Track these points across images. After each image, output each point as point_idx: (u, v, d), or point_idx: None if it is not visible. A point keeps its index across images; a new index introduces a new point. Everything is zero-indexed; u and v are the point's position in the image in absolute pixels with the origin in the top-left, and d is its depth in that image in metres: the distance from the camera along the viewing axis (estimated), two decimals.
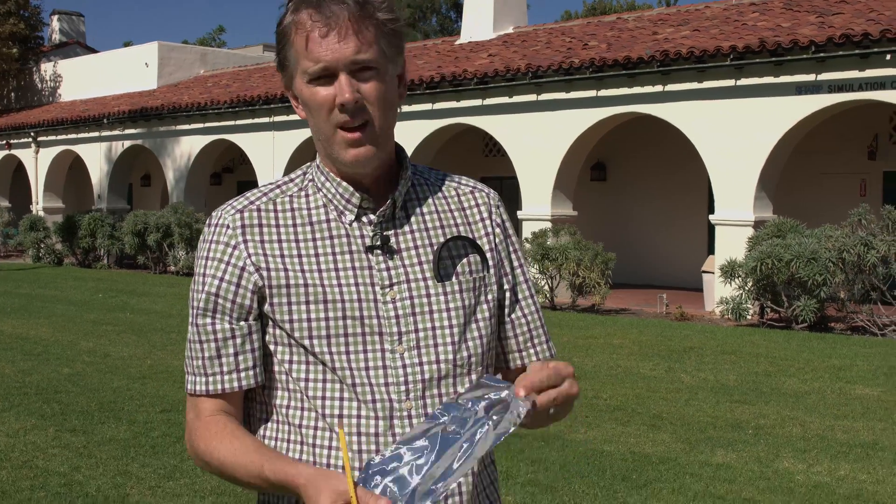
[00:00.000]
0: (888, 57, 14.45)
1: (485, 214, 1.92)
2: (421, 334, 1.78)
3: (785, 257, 13.77)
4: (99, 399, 8.88)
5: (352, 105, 1.71)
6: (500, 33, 24.10)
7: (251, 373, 1.79)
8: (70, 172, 31.78)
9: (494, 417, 1.57)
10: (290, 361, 1.77)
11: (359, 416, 1.74)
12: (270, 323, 1.78)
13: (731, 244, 15.87)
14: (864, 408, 8.78)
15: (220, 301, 1.77)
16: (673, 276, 20.87)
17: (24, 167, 32.25)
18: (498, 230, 1.92)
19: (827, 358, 11.55)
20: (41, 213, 30.48)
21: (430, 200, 1.88)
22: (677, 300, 17.15)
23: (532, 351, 1.94)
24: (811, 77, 15.32)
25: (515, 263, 1.94)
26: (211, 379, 1.79)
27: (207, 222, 1.84)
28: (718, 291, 15.70)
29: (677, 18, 20.64)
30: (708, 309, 16.64)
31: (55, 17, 39.39)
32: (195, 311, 1.80)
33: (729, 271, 14.79)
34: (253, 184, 25.91)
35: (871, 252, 13.35)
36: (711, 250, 17.53)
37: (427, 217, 1.86)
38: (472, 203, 1.92)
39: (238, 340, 1.78)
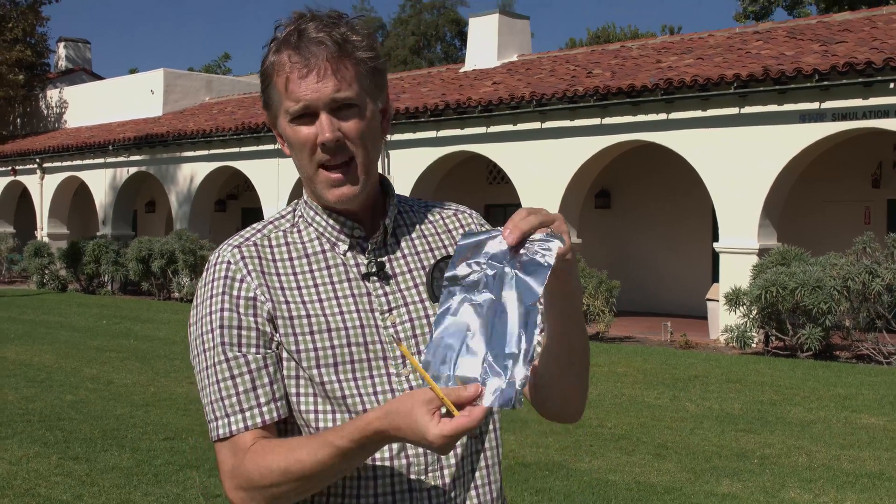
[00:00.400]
0: (892, 85, 14.48)
1: None
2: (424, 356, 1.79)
3: (789, 285, 13.74)
4: (102, 426, 8.85)
5: (332, 144, 1.74)
6: (504, 61, 24.20)
7: (285, 402, 1.77)
8: (75, 199, 31.85)
9: (518, 264, 1.55)
10: (298, 394, 1.77)
11: None
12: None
13: (736, 272, 15.85)
14: (870, 437, 8.74)
15: (244, 332, 1.76)
16: (677, 304, 20.83)
17: (29, 193, 32.33)
18: None
19: (832, 387, 11.51)
20: (46, 239, 30.51)
21: (417, 225, 1.92)
22: (682, 328, 17.11)
23: None
24: (815, 105, 15.35)
25: None
26: (248, 414, 1.74)
27: (207, 265, 1.84)
28: (723, 319, 15.66)
29: (681, 47, 20.71)
30: (712, 337, 16.60)
31: (61, 44, 39.58)
32: (218, 348, 1.75)
33: (733, 299, 14.77)
34: (257, 211, 25.96)
35: (876, 280, 13.33)
36: (716, 278, 17.51)
37: (416, 241, 1.90)
38: (457, 224, 1.96)
39: (271, 369, 1.76)
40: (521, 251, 1.56)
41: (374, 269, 1.82)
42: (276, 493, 1.68)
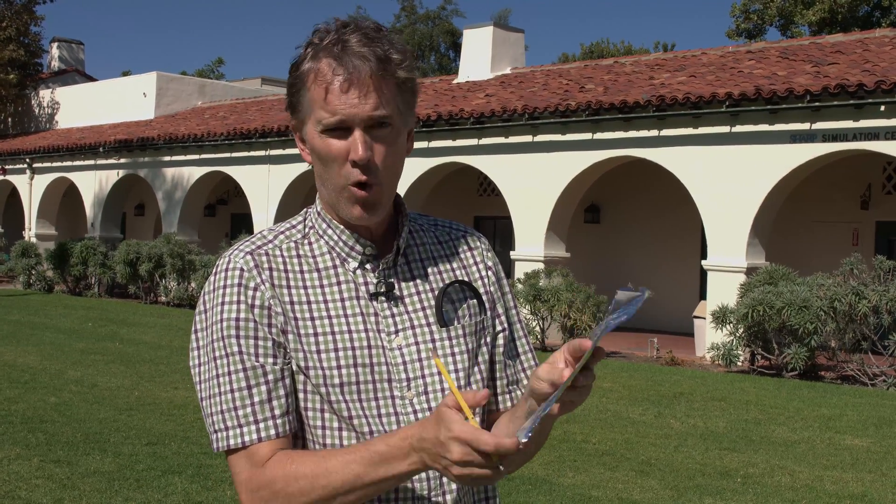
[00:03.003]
0: (882, 108, 14.55)
1: (478, 259, 1.95)
2: (428, 380, 1.79)
3: (776, 305, 13.77)
4: (85, 430, 8.81)
5: (365, 162, 1.72)
6: (497, 74, 24.25)
7: (296, 415, 1.75)
8: (64, 200, 31.78)
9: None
10: (307, 409, 1.76)
11: None
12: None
13: (723, 290, 15.88)
14: (854, 458, 8.75)
15: (261, 342, 1.73)
16: (664, 321, 20.85)
17: (18, 193, 32.25)
18: (490, 273, 1.95)
19: (817, 407, 11.53)
20: (33, 240, 30.42)
21: (427, 247, 1.91)
22: (668, 345, 17.13)
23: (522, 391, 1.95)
24: (806, 126, 15.41)
25: (510, 304, 1.98)
26: (263, 425, 1.70)
27: (216, 270, 1.80)
28: (709, 337, 15.69)
29: (674, 64, 20.78)
30: (699, 354, 16.62)
31: (55, 45, 39.47)
32: (235, 356, 1.72)
33: (720, 317, 14.80)
34: (247, 216, 25.93)
35: (863, 302, 13.37)
36: (703, 295, 17.54)
37: (426, 263, 1.88)
38: (466, 248, 1.95)
39: (287, 381, 1.74)
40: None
41: (382, 290, 1.80)
42: (302, 499, 1.64)
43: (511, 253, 19.29)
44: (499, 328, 1.93)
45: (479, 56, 24.62)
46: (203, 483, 7.07)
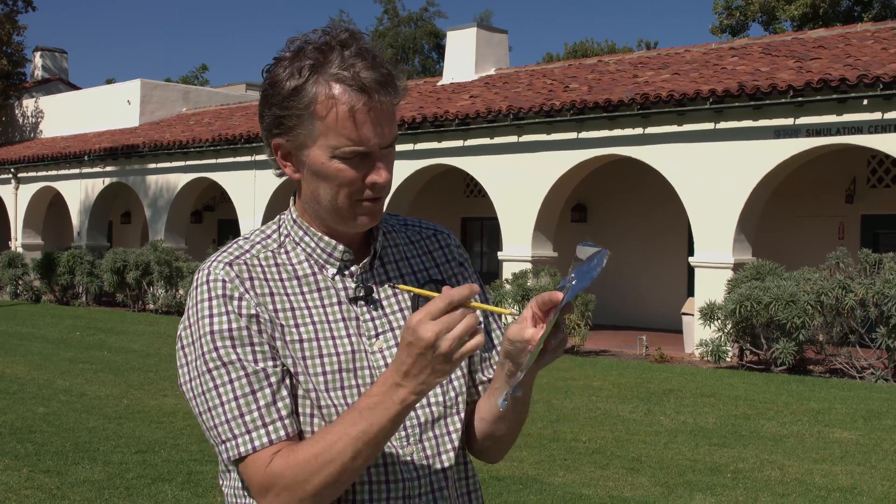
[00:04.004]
0: (865, 102, 14.60)
1: (449, 256, 1.98)
2: None
3: (764, 300, 13.81)
4: (74, 439, 8.78)
5: (386, 183, 1.77)
6: (481, 75, 24.27)
7: (297, 416, 1.75)
8: (50, 209, 31.65)
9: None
10: (296, 413, 1.75)
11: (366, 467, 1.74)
12: None
13: (711, 286, 15.91)
14: (843, 451, 8.78)
15: (258, 347, 1.72)
16: (653, 318, 20.90)
17: (3, 203, 32.12)
18: (462, 269, 1.98)
19: (805, 401, 11.57)
20: (20, 250, 30.29)
21: (400, 247, 1.93)
22: (657, 342, 17.16)
23: None
24: (789, 121, 15.46)
25: (485, 297, 1.97)
26: (272, 427, 1.69)
27: (197, 282, 1.78)
28: (698, 333, 15.72)
29: (657, 62, 20.83)
30: (687, 351, 16.66)
31: (38, 54, 39.31)
32: (235, 363, 1.70)
33: (708, 313, 14.83)
34: (234, 222, 25.88)
35: (849, 295, 13.41)
36: (691, 292, 17.57)
37: (400, 264, 1.90)
38: (436, 246, 1.98)
39: (287, 381, 1.73)
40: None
41: (361, 294, 1.82)
42: (310, 489, 1.64)
43: (498, 253, 19.30)
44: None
45: (463, 57, 24.64)
46: (193, 490, 7.06)
